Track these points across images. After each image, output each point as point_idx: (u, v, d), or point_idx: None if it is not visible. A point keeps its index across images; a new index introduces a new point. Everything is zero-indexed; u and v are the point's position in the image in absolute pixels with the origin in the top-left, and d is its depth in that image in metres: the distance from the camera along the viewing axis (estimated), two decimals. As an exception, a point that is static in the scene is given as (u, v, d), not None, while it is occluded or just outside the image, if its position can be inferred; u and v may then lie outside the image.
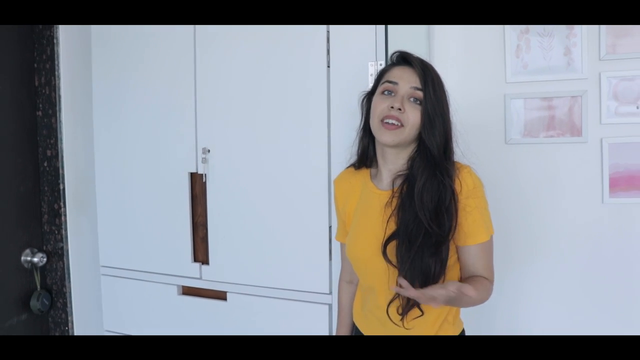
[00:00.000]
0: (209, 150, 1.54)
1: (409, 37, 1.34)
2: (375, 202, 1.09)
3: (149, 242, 1.67)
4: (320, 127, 1.42)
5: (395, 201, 1.04)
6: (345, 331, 1.29)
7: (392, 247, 1.03)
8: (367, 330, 1.17)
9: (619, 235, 1.30)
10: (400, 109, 1.01)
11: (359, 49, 1.36)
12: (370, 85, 1.30)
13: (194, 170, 1.58)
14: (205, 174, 1.55)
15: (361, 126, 1.14)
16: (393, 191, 1.06)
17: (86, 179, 1.73)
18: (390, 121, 1.02)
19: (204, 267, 1.60)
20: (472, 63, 1.38)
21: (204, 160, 1.54)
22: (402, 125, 1.02)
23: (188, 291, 1.66)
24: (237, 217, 1.54)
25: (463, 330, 1.16)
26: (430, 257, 0.99)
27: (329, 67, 1.40)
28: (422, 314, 1.03)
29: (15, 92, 1.57)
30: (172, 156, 1.61)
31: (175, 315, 1.65)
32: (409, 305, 1.02)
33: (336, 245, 1.41)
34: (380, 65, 1.33)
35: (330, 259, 1.43)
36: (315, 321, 1.46)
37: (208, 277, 1.59)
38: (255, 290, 1.53)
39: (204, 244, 1.61)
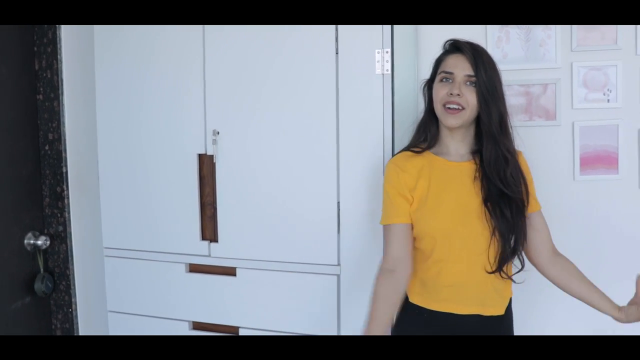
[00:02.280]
0: (218, 132, 1.58)
1: (407, 27, 1.45)
2: (454, 174, 1.19)
3: (156, 222, 1.69)
4: (328, 110, 1.49)
5: (480, 172, 1.17)
6: (378, 324, 1.16)
7: (483, 211, 1.15)
8: (435, 305, 1.20)
9: (589, 209, 1.45)
10: (459, 94, 1.14)
11: (366, 37, 1.44)
12: (378, 70, 1.43)
13: (202, 152, 1.62)
14: (214, 155, 1.60)
15: (425, 111, 1.26)
16: (476, 162, 1.19)
17: (89, 162, 1.72)
18: (452, 106, 1.14)
19: (213, 244, 1.64)
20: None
21: (214, 142, 1.58)
22: (463, 108, 1.14)
23: (196, 269, 1.69)
24: (246, 195, 1.58)
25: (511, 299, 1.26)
26: (521, 217, 1.16)
27: (337, 53, 1.47)
28: (523, 267, 1.17)
29: (14, 76, 1.55)
30: (180, 138, 1.63)
31: (184, 292, 1.68)
32: (506, 253, 1.14)
33: (345, 219, 1.49)
34: (387, 52, 1.43)
35: (339, 232, 1.51)
36: (324, 292, 1.53)
37: (217, 254, 1.64)
38: (265, 264, 1.58)
39: (212, 222, 1.65)
